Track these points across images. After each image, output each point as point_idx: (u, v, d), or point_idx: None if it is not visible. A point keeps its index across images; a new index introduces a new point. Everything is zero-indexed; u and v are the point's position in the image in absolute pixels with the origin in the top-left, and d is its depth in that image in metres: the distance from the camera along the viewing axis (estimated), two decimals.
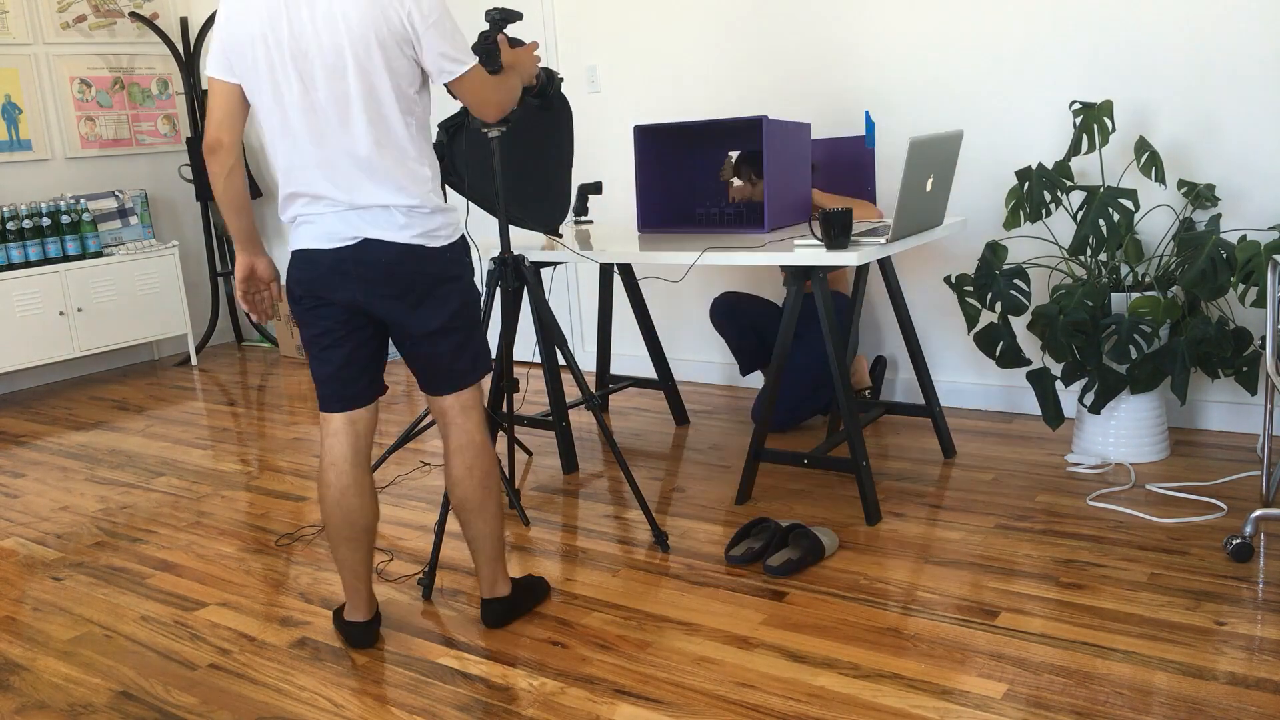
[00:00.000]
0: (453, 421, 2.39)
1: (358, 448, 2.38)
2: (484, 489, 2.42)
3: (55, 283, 5.32)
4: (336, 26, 2.09)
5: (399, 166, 2.20)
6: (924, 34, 3.84)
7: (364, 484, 2.39)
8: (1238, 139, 3.35)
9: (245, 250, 2.41)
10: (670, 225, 3.67)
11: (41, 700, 2.36)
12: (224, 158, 2.24)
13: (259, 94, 2.18)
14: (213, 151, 2.23)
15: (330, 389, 2.35)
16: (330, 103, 2.14)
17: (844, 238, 2.81)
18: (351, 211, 2.20)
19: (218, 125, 2.22)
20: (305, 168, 2.20)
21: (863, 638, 2.37)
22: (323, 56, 2.11)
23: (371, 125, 2.16)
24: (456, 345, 2.33)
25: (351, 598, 2.48)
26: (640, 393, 4.65)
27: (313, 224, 2.24)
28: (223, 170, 2.25)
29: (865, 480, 3.01)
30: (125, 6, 5.97)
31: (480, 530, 2.46)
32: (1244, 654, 2.18)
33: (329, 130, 2.16)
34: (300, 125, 2.17)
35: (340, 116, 2.15)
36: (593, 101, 4.77)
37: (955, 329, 4.03)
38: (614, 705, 2.17)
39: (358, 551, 2.42)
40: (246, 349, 6.37)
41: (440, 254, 2.27)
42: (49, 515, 3.59)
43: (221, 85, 2.20)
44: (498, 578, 2.52)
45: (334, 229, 2.22)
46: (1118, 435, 3.31)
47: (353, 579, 2.46)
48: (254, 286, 2.44)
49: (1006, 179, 3.79)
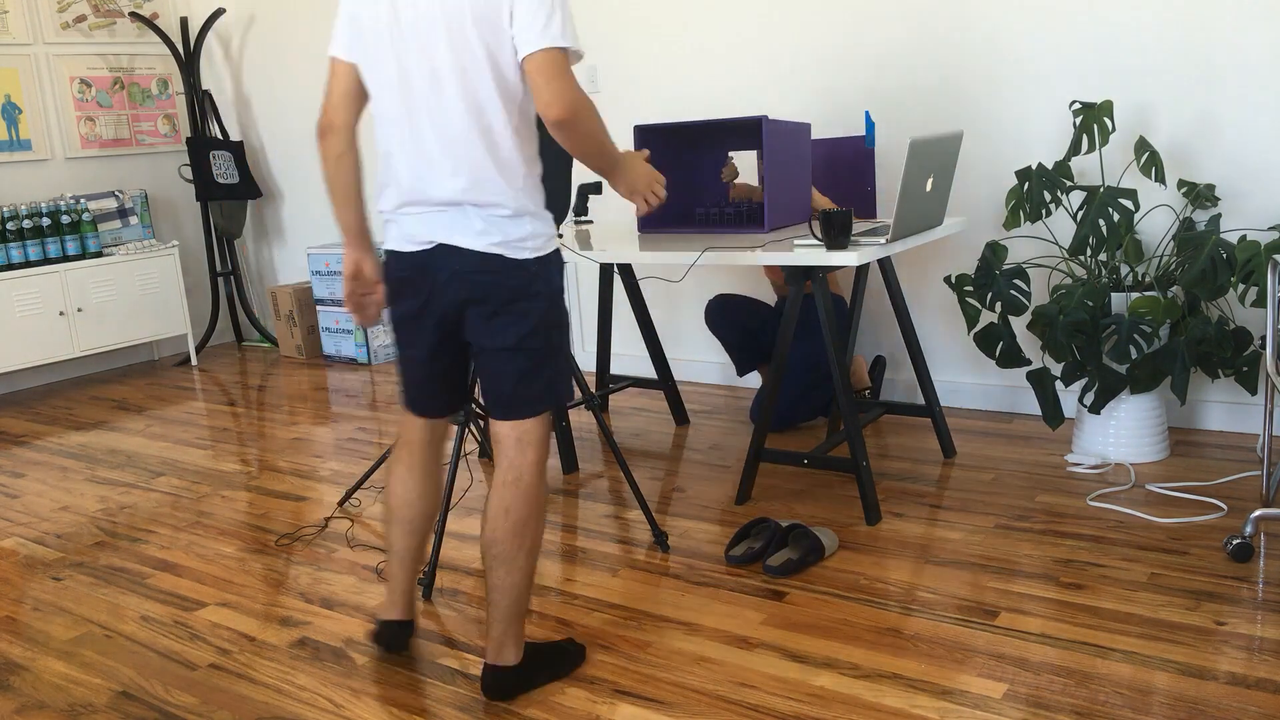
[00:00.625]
0: (504, 453, 2.14)
1: (430, 440, 2.32)
2: (517, 537, 2.13)
3: (55, 283, 5.32)
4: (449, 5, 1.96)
5: (488, 156, 2.02)
6: (924, 34, 3.84)
7: (430, 470, 2.32)
8: (1238, 139, 3.35)
9: (353, 246, 2.23)
10: (670, 225, 3.67)
11: (41, 700, 2.36)
12: (335, 141, 2.13)
13: (374, 72, 2.06)
14: (325, 134, 2.13)
15: (411, 394, 2.27)
16: (424, 80, 2.00)
17: (844, 238, 2.81)
18: (430, 212, 2.07)
19: (333, 107, 2.12)
20: (396, 154, 2.07)
21: (863, 638, 2.37)
22: (430, 36, 1.97)
23: (466, 107, 1.99)
24: (526, 368, 2.10)
25: (390, 590, 2.41)
26: (640, 393, 4.65)
27: (395, 224, 2.13)
28: (333, 154, 2.14)
29: (865, 480, 3.01)
30: (125, 6, 5.98)
31: (501, 582, 2.15)
32: (1244, 654, 2.18)
33: (421, 110, 2.02)
34: (399, 110, 2.04)
35: (435, 95, 2.00)
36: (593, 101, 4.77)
37: (955, 329, 4.03)
38: (614, 705, 2.17)
39: (408, 537, 2.35)
40: (246, 349, 6.37)
41: (523, 267, 2.07)
42: (49, 515, 3.59)
43: (341, 65, 2.10)
44: (507, 642, 2.19)
45: (413, 231, 2.10)
46: (1118, 435, 3.31)
47: (396, 564, 2.38)
48: (360, 286, 2.27)
49: (1006, 179, 3.79)
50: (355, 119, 2.15)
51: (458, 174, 2.03)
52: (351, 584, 2.85)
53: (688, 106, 4.50)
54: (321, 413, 4.70)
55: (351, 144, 2.15)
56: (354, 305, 2.28)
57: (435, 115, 2.02)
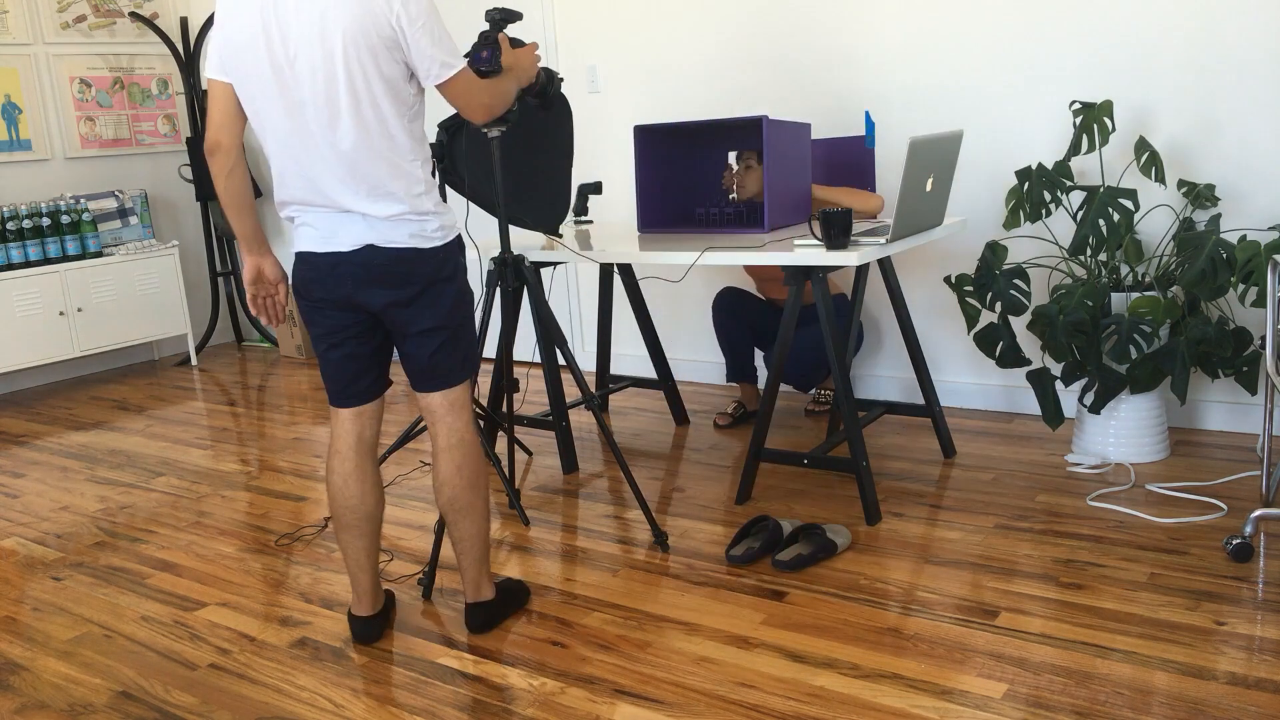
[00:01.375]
0: (441, 419, 2.38)
1: (362, 437, 2.41)
2: (473, 489, 2.41)
3: (55, 283, 5.32)
4: (326, 28, 2.08)
5: (391, 169, 2.19)
6: (924, 34, 3.84)
7: (367, 471, 2.42)
8: (1238, 139, 3.35)
9: (251, 251, 2.40)
10: (670, 225, 3.67)
11: (41, 700, 2.36)
12: (223, 159, 2.24)
13: (252, 97, 2.17)
14: (212, 153, 2.23)
15: (336, 385, 2.38)
16: (317, 104, 2.13)
17: (844, 238, 2.81)
18: (342, 216, 2.22)
19: (217, 127, 2.22)
20: (296, 171, 2.20)
21: (863, 638, 2.37)
22: (310, 58, 2.10)
23: (360, 127, 2.15)
24: (447, 343, 2.33)
25: (355, 589, 2.50)
26: (640, 393, 4.65)
27: (309, 227, 2.26)
28: (223, 171, 2.24)
29: (865, 480, 3.01)
30: (125, 6, 5.98)
31: (467, 531, 2.44)
32: (1244, 654, 2.18)
33: (318, 132, 2.15)
34: (289, 127, 2.16)
35: (329, 118, 2.14)
36: (593, 101, 4.77)
37: (955, 329, 4.03)
38: (614, 705, 2.17)
39: (359, 539, 2.44)
40: (246, 349, 6.37)
41: (434, 254, 2.27)
42: (49, 515, 3.59)
43: (219, 86, 2.20)
44: (482, 581, 2.51)
45: (328, 233, 2.23)
46: (1118, 435, 3.31)
47: (355, 569, 2.47)
48: (263, 289, 2.44)
49: (1006, 179, 3.79)
50: (239, 136, 2.25)
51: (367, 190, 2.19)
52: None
53: (688, 106, 4.50)
54: (321, 413, 4.70)
55: (240, 159, 2.26)
56: (258, 307, 2.45)
57: (330, 138, 2.15)
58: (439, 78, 2.18)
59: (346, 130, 2.14)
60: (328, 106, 2.13)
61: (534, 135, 3.26)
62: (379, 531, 2.48)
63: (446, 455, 2.38)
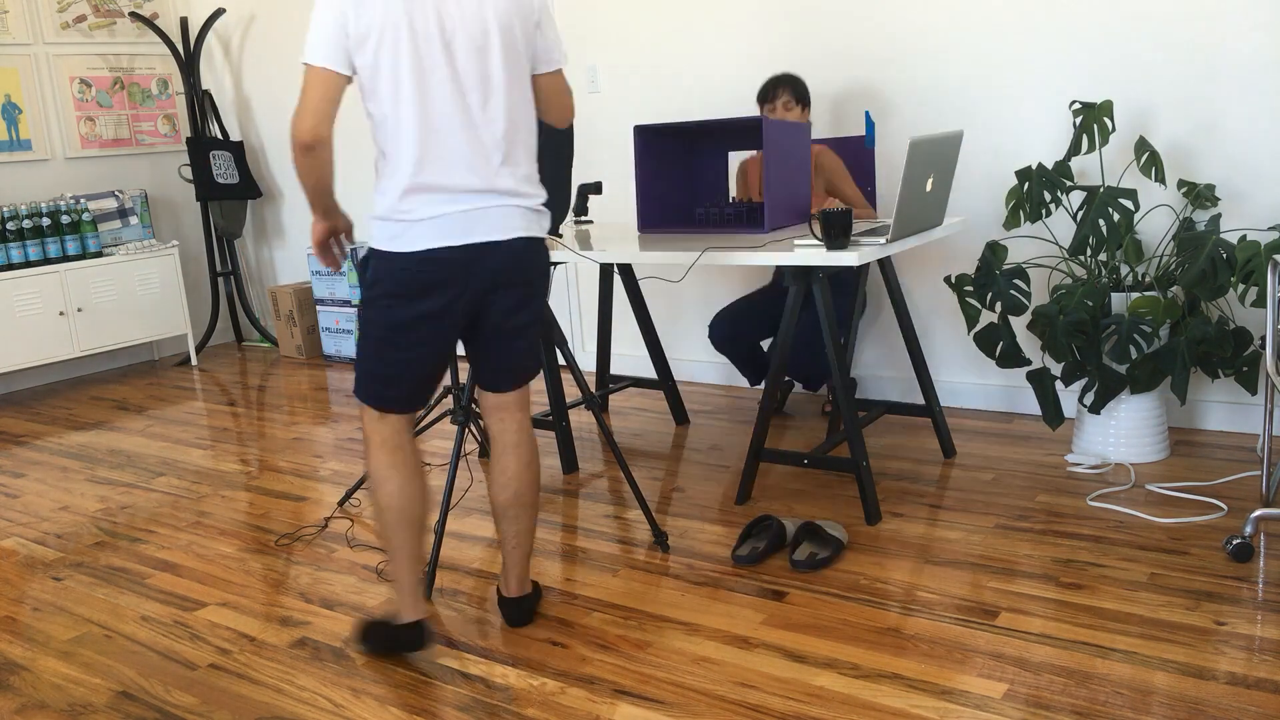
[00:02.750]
0: (513, 415, 2.39)
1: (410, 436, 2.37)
2: (537, 484, 2.45)
3: (55, 283, 5.32)
4: (483, 9, 2.12)
5: (528, 151, 2.23)
6: (924, 34, 3.84)
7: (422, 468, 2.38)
8: (1238, 139, 3.35)
9: (329, 216, 2.29)
10: (670, 225, 3.67)
11: (41, 700, 2.36)
12: (324, 153, 2.12)
13: (392, 83, 2.08)
14: (312, 149, 2.10)
15: (409, 390, 2.29)
16: (475, 86, 2.13)
17: (844, 238, 2.81)
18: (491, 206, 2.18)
19: (325, 120, 2.09)
20: (443, 158, 2.13)
21: (863, 638, 2.37)
22: (470, 39, 2.11)
23: (510, 107, 2.18)
24: (534, 339, 2.36)
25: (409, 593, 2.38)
26: (640, 393, 4.65)
27: (438, 220, 2.14)
28: (320, 166, 2.13)
29: (865, 480, 3.01)
30: (125, 6, 5.98)
31: (526, 526, 2.46)
32: (1244, 654, 2.18)
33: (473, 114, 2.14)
34: (441, 112, 2.11)
35: (483, 99, 2.15)
36: (593, 101, 4.77)
37: (955, 329, 4.03)
38: (614, 705, 2.17)
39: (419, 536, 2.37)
40: (246, 349, 6.37)
41: (546, 246, 2.33)
42: (49, 515, 3.59)
43: (327, 75, 2.07)
44: (527, 576, 2.54)
45: (468, 224, 2.16)
46: (1118, 435, 3.31)
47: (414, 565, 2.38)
48: (336, 241, 2.36)
49: (1006, 179, 3.79)
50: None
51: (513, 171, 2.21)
52: (351, 584, 2.86)
53: (688, 106, 4.50)
54: (321, 413, 4.70)
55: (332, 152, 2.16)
56: (326, 256, 2.36)
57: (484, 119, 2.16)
58: (556, 64, 2.25)
59: (498, 109, 2.16)
60: (483, 86, 2.14)
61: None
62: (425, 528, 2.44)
63: (515, 452, 2.39)
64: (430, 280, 2.17)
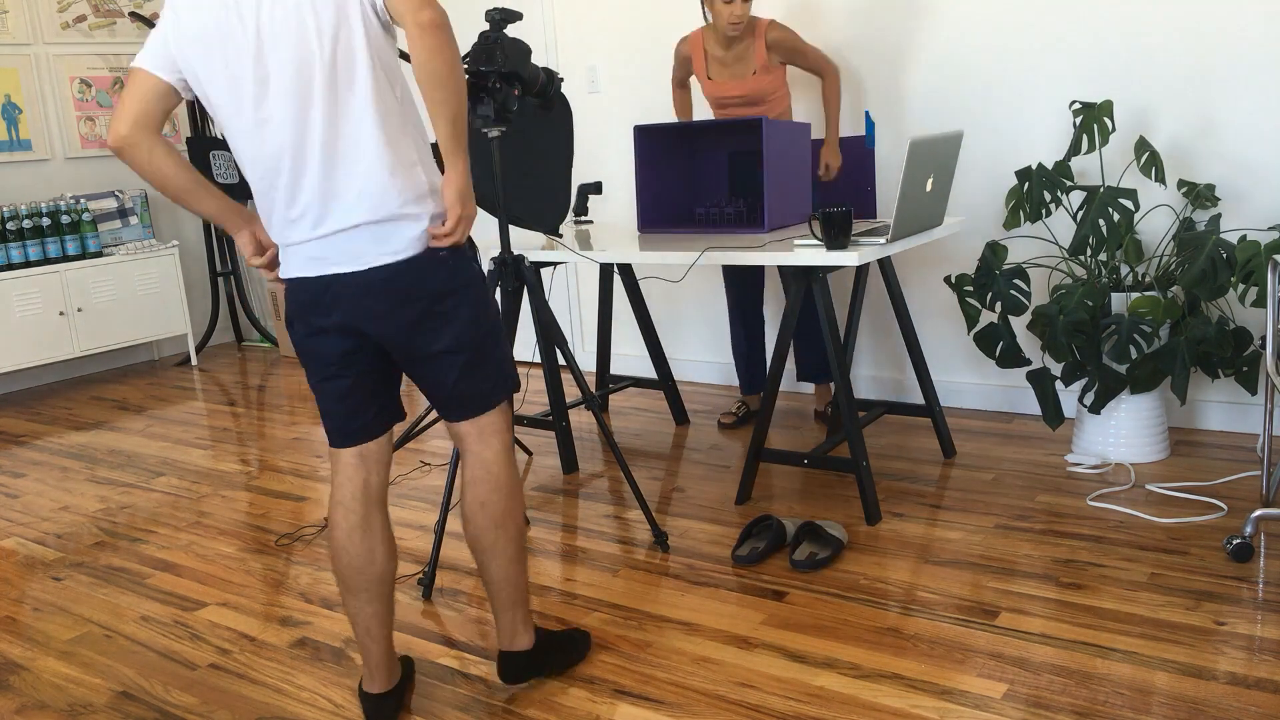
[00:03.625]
0: (469, 449, 2.10)
1: (369, 484, 2.08)
2: (498, 529, 2.10)
3: (55, 283, 5.32)
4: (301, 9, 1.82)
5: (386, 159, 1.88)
6: (924, 34, 3.84)
7: (375, 525, 2.08)
8: (1238, 139, 3.35)
9: (235, 225, 2.05)
10: (670, 225, 3.67)
11: (41, 700, 2.36)
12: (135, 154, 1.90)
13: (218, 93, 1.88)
14: (120, 153, 1.90)
15: (335, 422, 2.05)
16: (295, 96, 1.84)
17: (844, 238, 2.81)
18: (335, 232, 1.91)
19: (129, 120, 1.88)
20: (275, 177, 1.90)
21: (863, 638, 2.37)
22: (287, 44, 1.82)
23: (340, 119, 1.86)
24: (468, 365, 2.02)
25: (366, 661, 2.14)
26: (640, 393, 4.65)
27: (296, 249, 1.95)
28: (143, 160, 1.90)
29: (865, 480, 3.01)
30: (125, 6, 5.98)
31: (494, 575, 2.14)
32: (1244, 654, 2.18)
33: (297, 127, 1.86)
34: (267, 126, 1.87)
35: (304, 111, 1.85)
36: (593, 101, 4.77)
37: (955, 329, 4.03)
38: (614, 705, 2.17)
39: (369, 604, 2.09)
40: (246, 349, 6.37)
41: (441, 262, 1.96)
42: (49, 515, 3.59)
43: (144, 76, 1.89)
44: (517, 628, 2.20)
45: (316, 253, 1.93)
46: (1118, 435, 3.31)
47: (364, 637, 2.11)
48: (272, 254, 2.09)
49: (1006, 179, 3.79)
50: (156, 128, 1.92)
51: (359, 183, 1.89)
52: None
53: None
54: None
55: (156, 140, 1.91)
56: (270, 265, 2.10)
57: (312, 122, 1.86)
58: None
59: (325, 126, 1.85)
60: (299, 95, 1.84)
61: (534, 135, 3.26)
62: (392, 594, 2.13)
63: (470, 490, 2.10)
64: (306, 305, 1.97)
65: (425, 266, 1.94)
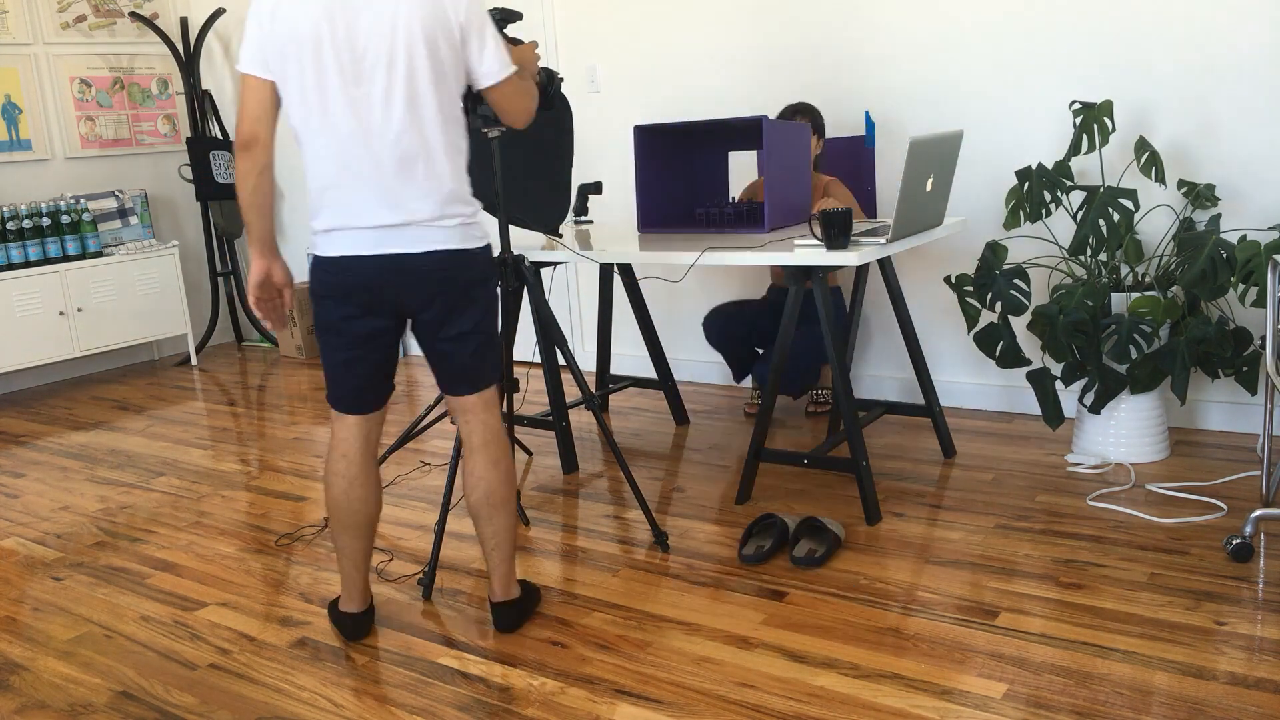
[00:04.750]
0: (477, 417, 2.41)
1: (368, 439, 2.42)
2: (507, 484, 2.44)
3: (55, 283, 5.32)
4: (395, 24, 2.11)
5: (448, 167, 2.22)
6: (924, 34, 3.84)
7: (371, 476, 2.43)
8: (1238, 139, 3.35)
9: (263, 254, 2.35)
10: (670, 225, 3.67)
11: (41, 700, 2.36)
12: (260, 154, 2.21)
13: (302, 92, 2.15)
14: (248, 147, 2.19)
15: (348, 395, 2.37)
16: (381, 101, 2.14)
17: (844, 238, 2.81)
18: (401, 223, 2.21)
19: (254, 120, 2.18)
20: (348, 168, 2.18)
21: (863, 638, 2.37)
22: (377, 54, 2.12)
23: (422, 124, 2.17)
24: (481, 346, 2.36)
25: (348, 588, 2.52)
26: (640, 393, 4.65)
27: (352, 232, 2.22)
28: (256, 167, 2.21)
29: (865, 480, 3.01)
30: (125, 6, 5.98)
31: (501, 526, 2.45)
32: (1244, 654, 2.18)
33: (376, 128, 2.15)
34: (346, 124, 2.15)
35: (387, 114, 2.15)
36: (593, 101, 4.77)
37: (955, 329, 4.03)
38: (614, 705, 2.17)
39: (359, 540, 2.46)
40: (246, 349, 6.37)
41: (476, 257, 2.30)
42: (49, 515, 3.59)
43: (256, 82, 2.17)
44: (511, 579, 2.52)
45: (376, 237, 2.21)
46: (1118, 435, 3.31)
47: (351, 568, 2.49)
48: (268, 292, 2.39)
49: (1006, 179, 3.79)
50: (274, 133, 2.23)
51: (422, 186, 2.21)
52: None
53: (688, 106, 4.50)
54: (321, 413, 4.70)
55: (272, 158, 2.24)
56: (264, 309, 2.40)
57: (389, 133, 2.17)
58: (496, 76, 2.25)
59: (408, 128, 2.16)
60: (388, 101, 2.14)
61: (534, 135, 3.26)
62: (375, 531, 2.51)
63: (483, 451, 2.41)
64: (345, 284, 2.24)
65: (467, 258, 2.28)
